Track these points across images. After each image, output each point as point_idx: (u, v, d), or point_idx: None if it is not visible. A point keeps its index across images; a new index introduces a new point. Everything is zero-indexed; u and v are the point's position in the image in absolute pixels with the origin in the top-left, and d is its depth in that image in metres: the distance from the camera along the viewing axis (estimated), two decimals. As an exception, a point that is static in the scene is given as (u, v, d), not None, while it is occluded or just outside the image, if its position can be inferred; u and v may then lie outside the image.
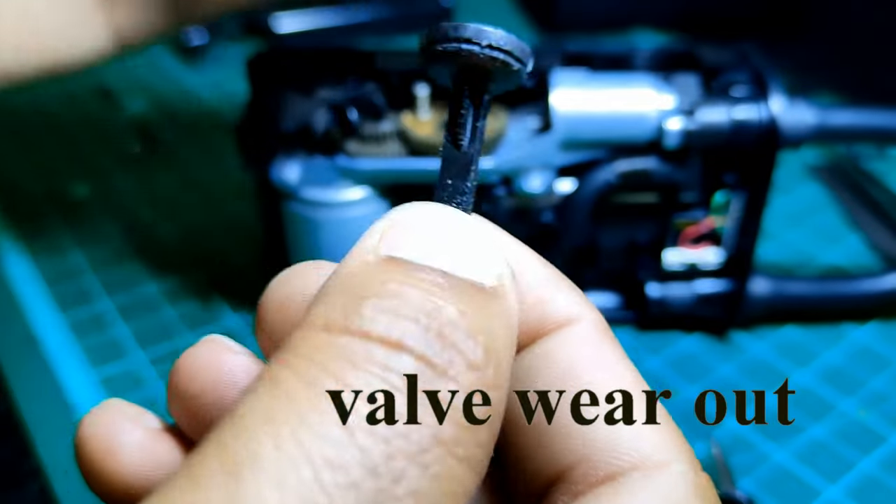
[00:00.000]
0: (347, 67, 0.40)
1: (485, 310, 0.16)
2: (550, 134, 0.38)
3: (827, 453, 0.37)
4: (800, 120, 0.37)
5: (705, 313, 0.42)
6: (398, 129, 0.39)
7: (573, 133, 0.38)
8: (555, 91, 0.38)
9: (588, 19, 0.70)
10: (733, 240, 0.41)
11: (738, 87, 0.38)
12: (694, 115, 0.37)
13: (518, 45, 0.18)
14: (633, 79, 0.39)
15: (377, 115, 0.39)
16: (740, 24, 0.70)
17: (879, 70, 0.66)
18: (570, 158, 0.39)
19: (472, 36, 0.18)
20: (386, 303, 0.14)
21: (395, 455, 0.13)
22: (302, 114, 0.38)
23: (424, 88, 0.39)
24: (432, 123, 0.39)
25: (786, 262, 0.48)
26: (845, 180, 0.55)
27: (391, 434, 0.13)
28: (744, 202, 0.40)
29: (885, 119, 0.38)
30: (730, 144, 0.38)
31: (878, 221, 0.51)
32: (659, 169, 0.39)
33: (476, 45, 0.18)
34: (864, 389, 0.40)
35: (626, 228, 0.41)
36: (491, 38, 0.18)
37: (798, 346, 0.43)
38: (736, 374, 0.41)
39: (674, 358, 0.42)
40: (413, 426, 0.13)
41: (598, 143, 0.39)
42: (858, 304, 0.43)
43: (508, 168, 0.38)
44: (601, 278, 0.43)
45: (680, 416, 0.39)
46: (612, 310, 0.44)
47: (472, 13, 0.76)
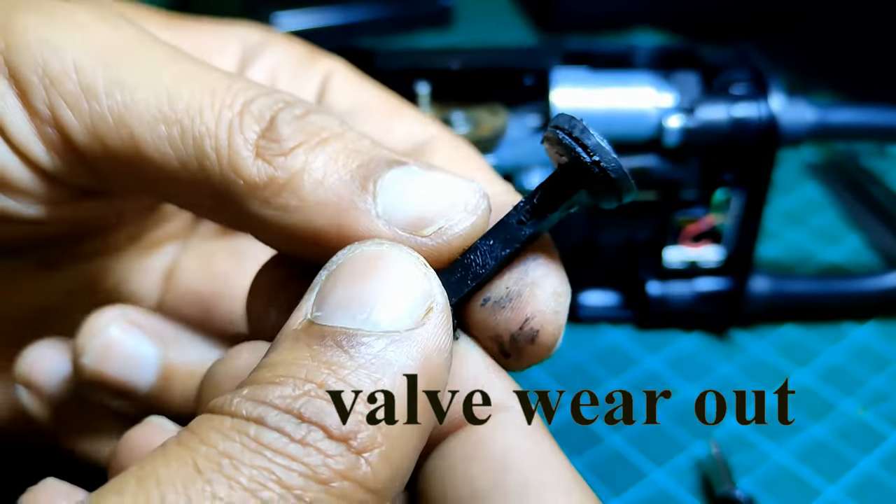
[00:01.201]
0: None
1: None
2: None
3: (827, 453, 0.37)
4: (799, 118, 0.37)
5: (705, 311, 0.42)
6: None
7: None
8: (555, 89, 0.38)
9: (586, 20, 0.70)
10: (733, 238, 0.41)
11: (737, 85, 0.38)
12: (693, 113, 0.37)
13: (626, 178, 0.18)
14: (632, 77, 0.39)
15: None
16: (738, 24, 0.71)
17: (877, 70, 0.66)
18: None
19: (597, 153, 0.18)
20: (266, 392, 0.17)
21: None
22: None
23: (425, 86, 0.40)
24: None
25: (786, 261, 0.48)
26: (844, 178, 0.55)
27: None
28: (743, 200, 0.40)
29: (884, 117, 0.38)
30: (729, 142, 0.38)
31: (877, 220, 0.51)
32: (658, 166, 0.39)
33: (599, 163, 0.18)
34: (864, 389, 0.40)
35: (626, 227, 0.41)
36: (611, 164, 0.18)
37: (798, 345, 0.43)
38: (736, 373, 0.41)
39: (673, 357, 0.42)
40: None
41: None
42: (858, 302, 0.43)
43: (509, 165, 0.39)
44: (601, 277, 0.43)
45: (679, 415, 0.39)
46: (612, 308, 0.44)
47: (471, 13, 0.76)
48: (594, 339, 0.43)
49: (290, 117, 0.20)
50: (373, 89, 0.28)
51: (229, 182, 0.20)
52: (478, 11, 0.77)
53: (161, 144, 0.20)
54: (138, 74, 0.20)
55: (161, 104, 0.20)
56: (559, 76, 0.39)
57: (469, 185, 0.20)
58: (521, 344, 0.20)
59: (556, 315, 0.20)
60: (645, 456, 0.37)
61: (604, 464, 0.36)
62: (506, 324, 0.20)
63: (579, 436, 0.38)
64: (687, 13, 0.72)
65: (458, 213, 0.20)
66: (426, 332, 0.17)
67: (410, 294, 0.18)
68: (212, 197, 0.20)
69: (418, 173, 0.20)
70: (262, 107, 0.20)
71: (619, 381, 0.41)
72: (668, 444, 0.37)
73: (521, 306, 0.20)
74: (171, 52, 0.21)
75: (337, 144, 0.20)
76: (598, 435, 0.38)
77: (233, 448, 0.15)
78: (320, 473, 0.15)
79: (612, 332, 0.44)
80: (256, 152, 0.20)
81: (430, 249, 0.19)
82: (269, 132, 0.20)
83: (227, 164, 0.20)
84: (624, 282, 0.44)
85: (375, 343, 0.17)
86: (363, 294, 0.18)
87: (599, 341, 0.43)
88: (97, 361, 0.24)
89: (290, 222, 0.20)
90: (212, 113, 0.20)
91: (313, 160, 0.20)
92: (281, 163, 0.19)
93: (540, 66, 0.39)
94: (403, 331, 0.17)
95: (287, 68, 0.28)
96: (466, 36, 0.73)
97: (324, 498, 0.15)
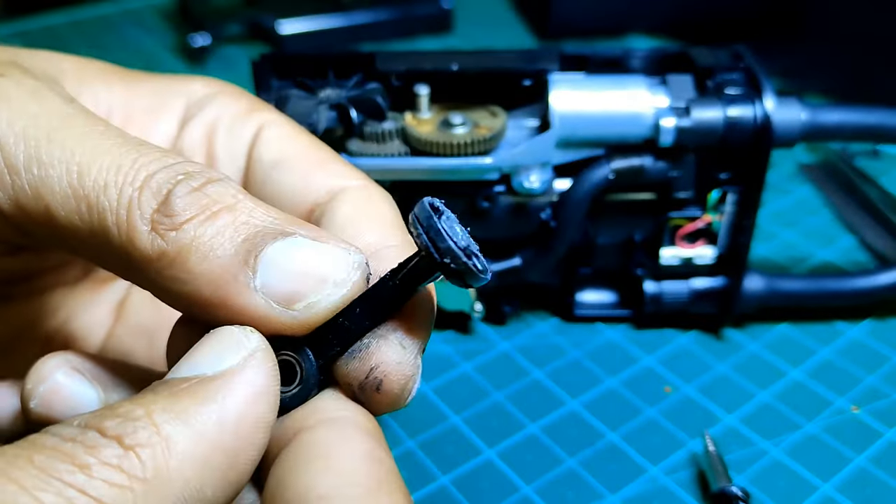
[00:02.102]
0: (350, 69, 0.41)
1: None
2: (549, 133, 0.39)
3: (821, 450, 0.37)
4: (793, 118, 0.38)
5: (700, 310, 0.43)
6: (399, 127, 0.40)
7: (570, 132, 0.39)
8: (553, 92, 0.39)
9: (581, 26, 0.71)
10: (728, 237, 0.41)
11: (731, 86, 0.39)
12: (688, 114, 0.38)
13: (473, 272, 0.21)
14: (628, 80, 0.40)
15: (380, 115, 0.39)
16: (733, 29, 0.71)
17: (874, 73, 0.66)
18: (568, 157, 0.40)
19: (448, 255, 0.21)
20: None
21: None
22: (305, 113, 0.39)
23: (424, 88, 0.40)
24: (433, 122, 0.40)
25: (780, 261, 0.49)
26: (837, 179, 0.56)
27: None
28: (738, 200, 0.40)
29: (877, 117, 0.38)
30: (723, 142, 0.38)
31: (870, 220, 0.52)
32: (653, 166, 0.39)
33: (448, 265, 0.21)
34: (858, 386, 0.40)
35: (622, 226, 0.42)
36: (460, 265, 0.21)
37: (793, 343, 0.43)
38: (731, 371, 0.41)
39: (670, 355, 0.42)
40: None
41: (594, 141, 0.39)
42: (852, 301, 0.43)
43: (507, 166, 0.39)
44: (598, 276, 0.44)
45: (676, 412, 0.39)
46: (609, 306, 0.45)
47: (471, 19, 0.76)
48: (591, 338, 0.44)
49: (185, 190, 0.22)
50: (303, 141, 0.30)
51: (129, 253, 0.22)
52: (477, 18, 0.77)
53: (72, 216, 0.22)
54: (54, 151, 0.22)
55: (72, 180, 0.22)
56: (557, 79, 0.40)
57: (343, 257, 0.22)
58: (367, 392, 0.23)
59: (400, 365, 0.23)
60: (640, 453, 0.37)
61: (600, 460, 0.37)
62: (354, 373, 0.23)
63: (575, 433, 0.38)
64: (682, 19, 0.72)
65: (328, 289, 0.22)
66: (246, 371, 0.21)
67: (227, 346, 0.21)
68: (119, 263, 0.22)
69: (301, 245, 0.22)
70: (161, 181, 0.22)
71: (617, 379, 0.41)
72: (663, 440, 0.38)
73: (367, 357, 0.23)
74: (89, 125, 0.23)
75: (227, 218, 0.22)
76: (596, 432, 0.38)
77: (38, 453, 0.18)
78: (81, 459, 0.18)
79: (608, 330, 0.44)
80: (151, 226, 0.21)
81: (300, 322, 0.22)
82: (164, 207, 0.22)
83: (125, 238, 0.22)
84: (621, 281, 0.44)
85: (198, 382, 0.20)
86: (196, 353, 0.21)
87: (596, 340, 0.44)
88: (44, 406, 0.26)
89: (183, 291, 0.22)
90: (115, 189, 0.22)
91: (202, 234, 0.21)
92: (172, 237, 0.21)
93: (537, 69, 0.40)
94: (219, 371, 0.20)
95: (224, 122, 0.30)
96: (466, 41, 0.73)
97: (84, 481, 0.17)
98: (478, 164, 0.39)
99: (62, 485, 0.17)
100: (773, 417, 0.39)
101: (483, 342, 0.43)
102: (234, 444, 0.20)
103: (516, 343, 0.43)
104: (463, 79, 0.40)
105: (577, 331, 0.44)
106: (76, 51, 0.32)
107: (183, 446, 0.19)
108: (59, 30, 0.79)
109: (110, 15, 0.82)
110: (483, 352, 0.43)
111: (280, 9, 0.73)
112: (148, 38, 0.77)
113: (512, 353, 0.43)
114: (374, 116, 0.39)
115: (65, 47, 0.74)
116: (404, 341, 0.23)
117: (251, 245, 0.21)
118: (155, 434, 0.19)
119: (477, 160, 0.39)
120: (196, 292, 0.21)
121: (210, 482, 0.19)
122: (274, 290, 0.21)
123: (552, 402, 0.40)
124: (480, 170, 0.39)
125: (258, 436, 0.20)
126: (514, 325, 0.45)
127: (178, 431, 0.19)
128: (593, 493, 0.35)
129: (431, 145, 0.39)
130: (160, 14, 0.81)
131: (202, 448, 0.19)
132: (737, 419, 0.39)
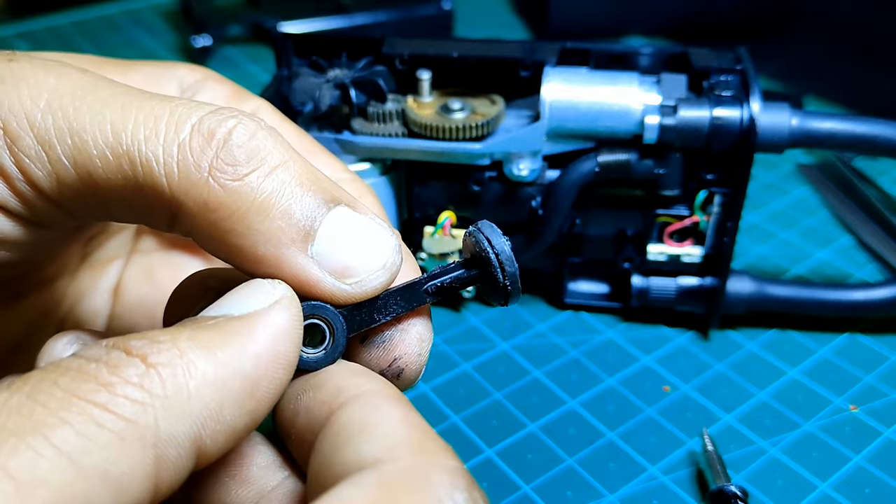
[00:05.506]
0: (362, 51, 0.42)
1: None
2: (539, 123, 0.39)
3: (819, 449, 0.37)
4: (781, 124, 0.37)
5: (686, 308, 0.43)
6: (400, 109, 0.41)
7: (560, 123, 0.40)
8: (546, 84, 0.40)
9: (580, 28, 0.71)
10: (714, 237, 0.41)
11: (724, 88, 0.39)
12: (675, 112, 0.38)
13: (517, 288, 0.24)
14: (621, 76, 0.40)
15: (381, 97, 0.41)
16: (731, 30, 0.71)
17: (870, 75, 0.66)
18: (558, 148, 0.40)
19: (508, 270, 0.23)
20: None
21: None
22: (309, 90, 0.40)
23: (426, 73, 0.41)
24: (433, 106, 0.41)
25: (778, 262, 0.49)
26: (835, 179, 0.56)
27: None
28: (723, 202, 0.40)
29: (869, 129, 0.37)
30: (709, 143, 0.38)
31: (868, 220, 0.52)
32: (639, 163, 0.39)
33: (503, 277, 0.24)
34: (857, 385, 0.41)
35: (611, 219, 0.42)
36: (511, 280, 0.24)
37: (791, 342, 0.43)
38: (730, 370, 0.42)
39: (669, 355, 0.43)
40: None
41: (583, 133, 0.40)
42: (844, 312, 0.42)
43: (499, 153, 0.40)
44: (590, 267, 0.44)
45: (675, 411, 0.39)
46: (599, 297, 0.45)
47: (471, 20, 0.77)
48: (591, 338, 0.44)
49: (245, 138, 0.21)
50: (292, 130, 0.31)
51: (181, 204, 0.21)
52: (477, 19, 0.78)
53: (115, 177, 0.22)
54: (84, 117, 0.22)
55: (108, 140, 0.21)
56: (552, 72, 0.40)
57: (390, 240, 0.23)
58: (388, 378, 0.24)
59: (419, 357, 0.25)
60: (639, 452, 0.37)
61: (599, 460, 0.37)
62: (377, 361, 0.24)
63: (575, 432, 0.38)
64: (680, 21, 0.73)
65: (377, 270, 0.23)
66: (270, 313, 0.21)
67: (255, 293, 0.22)
68: (165, 216, 0.22)
69: (358, 222, 0.23)
70: (212, 126, 0.21)
71: (616, 379, 0.41)
72: (662, 439, 0.38)
73: (392, 348, 0.24)
74: (112, 87, 0.23)
75: (285, 174, 0.22)
76: (595, 431, 0.38)
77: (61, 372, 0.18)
78: (104, 378, 0.18)
79: (608, 330, 0.44)
80: (209, 173, 0.21)
81: (349, 295, 0.23)
82: (225, 154, 0.21)
83: (177, 188, 0.21)
84: (610, 273, 0.45)
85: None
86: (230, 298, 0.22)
87: (596, 340, 0.44)
88: None
89: (236, 244, 0.22)
90: (159, 139, 0.21)
91: (265, 189, 0.21)
92: (233, 188, 0.21)
93: (535, 61, 0.40)
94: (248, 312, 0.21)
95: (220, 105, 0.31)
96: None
97: (107, 398, 0.18)
98: (469, 149, 0.40)
99: (86, 403, 0.18)
100: (772, 416, 0.39)
101: (483, 342, 0.44)
102: (254, 373, 0.20)
103: (516, 343, 0.44)
104: (466, 66, 0.41)
105: (577, 331, 0.44)
106: (79, 51, 0.32)
107: (204, 369, 0.19)
108: (62, 30, 0.79)
109: (113, 16, 0.82)
110: (483, 351, 0.43)
111: (281, 10, 0.73)
112: (150, 38, 0.77)
113: (511, 352, 0.43)
114: (376, 98, 0.41)
115: (68, 48, 0.74)
116: (422, 336, 0.25)
117: (312, 211, 0.22)
118: (178, 356, 0.19)
119: (469, 145, 0.40)
120: (251, 247, 0.22)
121: (229, 407, 0.20)
122: (329, 261, 0.22)
123: (551, 401, 0.40)
124: (471, 154, 0.40)
125: (278, 370, 0.21)
126: (514, 325, 0.45)
127: (200, 357, 0.19)
128: (592, 492, 0.35)
129: (427, 128, 0.40)
130: (162, 15, 0.82)
131: (222, 373, 0.19)
132: (735, 418, 0.39)
